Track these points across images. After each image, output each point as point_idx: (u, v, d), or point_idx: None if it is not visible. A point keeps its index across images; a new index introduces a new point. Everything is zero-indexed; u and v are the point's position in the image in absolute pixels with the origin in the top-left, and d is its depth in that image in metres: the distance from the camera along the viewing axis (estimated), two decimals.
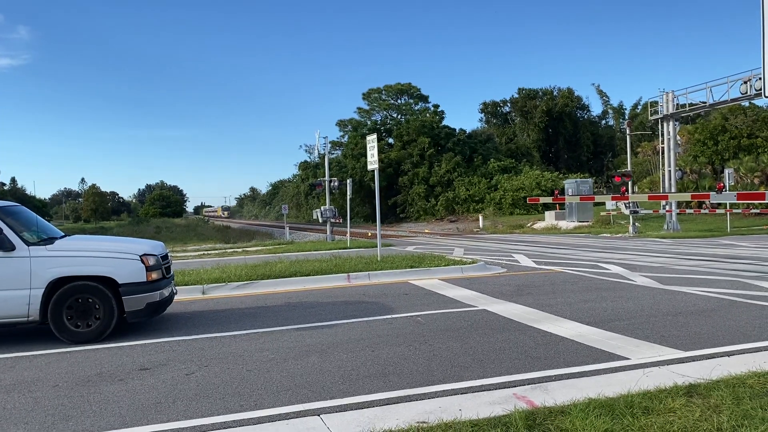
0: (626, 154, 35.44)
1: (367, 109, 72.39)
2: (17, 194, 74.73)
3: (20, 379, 6.06)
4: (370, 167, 15.88)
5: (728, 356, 6.09)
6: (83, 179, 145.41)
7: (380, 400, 5.03)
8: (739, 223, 32.65)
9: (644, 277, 12.38)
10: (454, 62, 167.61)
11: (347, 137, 71.03)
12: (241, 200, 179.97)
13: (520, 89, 73.16)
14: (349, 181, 26.18)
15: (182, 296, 10.75)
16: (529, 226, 41.14)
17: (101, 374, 6.13)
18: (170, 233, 49.25)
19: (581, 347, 6.61)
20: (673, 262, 15.48)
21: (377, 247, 16.75)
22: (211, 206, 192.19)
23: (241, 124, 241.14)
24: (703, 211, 35.75)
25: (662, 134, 31.60)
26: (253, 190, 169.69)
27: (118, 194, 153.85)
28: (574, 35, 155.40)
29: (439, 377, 5.63)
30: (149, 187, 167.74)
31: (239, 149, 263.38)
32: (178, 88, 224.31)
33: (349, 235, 25.72)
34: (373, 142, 16.00)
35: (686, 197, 28.52)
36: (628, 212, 30.73)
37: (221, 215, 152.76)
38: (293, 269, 13.26)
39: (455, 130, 67.08)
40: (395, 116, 71.76)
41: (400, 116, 71.15)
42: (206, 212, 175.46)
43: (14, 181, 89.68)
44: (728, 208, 31.78)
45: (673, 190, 30.60)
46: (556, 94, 71.37)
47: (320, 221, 29.77)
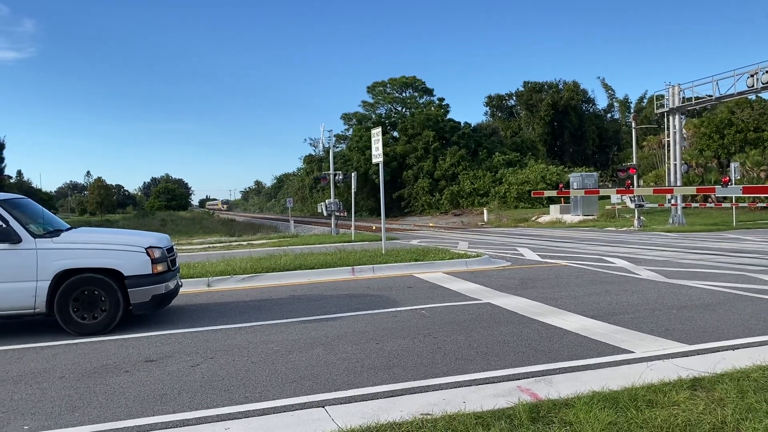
0: (632, 147, 35.34)
1: (371, 102, 72.26)
2: (23, 187, 74.82)
3: (27, 370, 6.10)
4: (374, 161, 15.87)
5: (733, 350, 6.09)
6: (89, 172, 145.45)
7: (385, 392, 5.05)
8: (745, 217, 32.50)
9: (649, 270, 12.36)
10: (458, 56, 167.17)
11: (352, 131, 70.95)
12: (245, 193, 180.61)
13: (525, 82, 73.17)
14: (353, 174, 26.16)
15: (187, 289, 10.80)
16: (533, 219, 41.06)
17: (107, 366, 6.17)
18: (175, 226, 49.28)
19: (585, 340, 6.61)
20: (678, 255, 15.44)
21: (382, 240, 16.77)
22: (215, 199, 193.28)
23: (246, 117, 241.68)
24: (708, 204, 35.66)
25: (668, 128, 31.46)
26: (258, 183, 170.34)
27: (123, 187, 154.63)
28: (579, 28, 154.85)
29: (443, 370, 5.64)
30: (154, 180, 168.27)
31: (244, 142, 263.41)
32: (183, 81, 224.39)
33: (353, 228, 25.74)
34: (377, 135, 15.97)
35: (692, 191, 28.36)
36: (633, 206, 30.68)
37: (221, 208, 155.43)
38: (298, 262, 13.30)
39: (460, 123, 66.89)
40: (400, 110, 71.61)
41: (404, 110, 71.00)
42: (209, 205, 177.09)
43: (20, 173, 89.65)
44: (734, 201, 31.67)
45: (678, 183, 30.48)
46: (561, 87, 71.12)
47: (325, 215, 29.79)
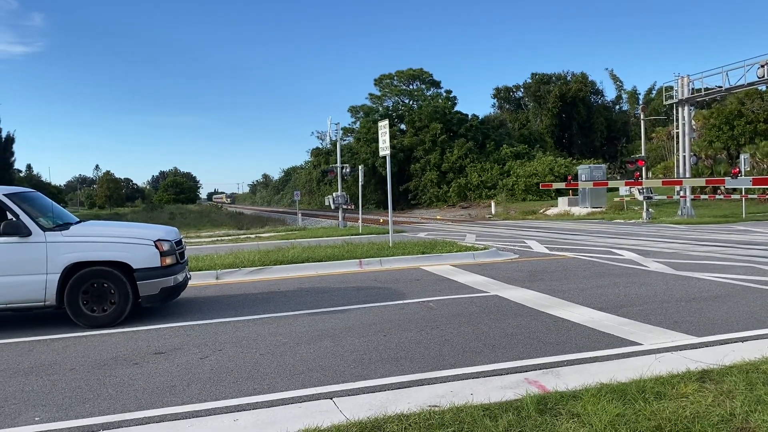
0: (640, 139, 35.14)
1: (379, 95, 71.97)
2: (33, 181, 75.37)
3: (38, 362, 6.16)
4: (381, 153, 15.85)
5: (742, 342, 6.07)
6: (98, 166, 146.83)
7: (392, 384, 5.06)
8: (754, 208, 32.26)
9: (657, 262, 12.31)
10: (466, 47, 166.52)
11: (359, 123, 70.75)
12: (253, 187, 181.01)
13: (533, 74, 72.58)
14: (361, 167, 26.17)
15: (196, 281, 10.85)
16: (541, 212, 40.92)
17: (117, 358, 6.21)
18: (184, 219, 49.41)
19: (593, 333, 6.60)
20: (686, 247, 15.37)
21: (389, 233, 16.77)
22: (223, 192, 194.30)
23: (253, 110, 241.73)
24: (717, 196, 35.44)
25: (677, 119, 31.21)
26: (265, 176, 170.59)
27: (132, 181, 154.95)
28: (587, 19, 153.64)
29: (450, 362, 5.65)
30: (163, 173, 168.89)
31: (252, 136, 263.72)
32: (192, 75, 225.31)
33: (361, 221, 25.75)
34: (384, 128, 15.93)
35: (701, 182, 28.23)
36: (641, 198, 30.49)
37: (225, 201, 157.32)
38: (306, 255, 13.33)
39: (467, 115, 66.59)
40: (407, 102, 71.33)
41: (412, 102, 70.73)
42: (215, 198, 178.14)
43: (30, 167, 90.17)
44: (744, 193, 31.46)
45: (687, 175, 30.28)
46: (569, 78, 70.56)
47: (332, 207, 29.82)
